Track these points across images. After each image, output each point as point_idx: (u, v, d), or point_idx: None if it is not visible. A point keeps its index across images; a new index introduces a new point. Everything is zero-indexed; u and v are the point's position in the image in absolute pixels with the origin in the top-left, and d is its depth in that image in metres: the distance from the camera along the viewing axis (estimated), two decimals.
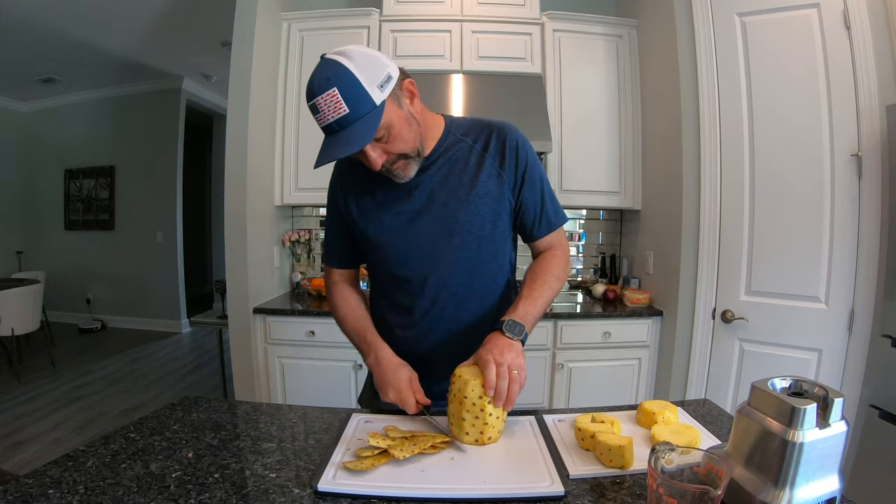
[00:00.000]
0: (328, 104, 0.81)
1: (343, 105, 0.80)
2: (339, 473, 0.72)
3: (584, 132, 2.47)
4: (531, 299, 0.96)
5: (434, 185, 1.00)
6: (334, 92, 0.80)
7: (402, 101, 0.90)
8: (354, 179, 1.05)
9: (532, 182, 1.03)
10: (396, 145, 0.90)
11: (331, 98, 0.80)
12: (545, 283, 0.99)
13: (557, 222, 1.08)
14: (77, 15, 3.44)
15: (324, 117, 0.82)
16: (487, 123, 1.05)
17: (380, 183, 1.00)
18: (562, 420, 0.93)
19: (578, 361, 2.25)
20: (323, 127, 0.84)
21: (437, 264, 1.01)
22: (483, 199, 1.00)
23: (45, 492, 0.67)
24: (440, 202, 1.00)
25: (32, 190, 5.62)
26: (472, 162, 1.01)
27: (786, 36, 1.82)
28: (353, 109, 0.81)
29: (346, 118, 0.81)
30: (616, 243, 2.85)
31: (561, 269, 1.04)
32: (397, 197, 1.01)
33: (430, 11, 2.43)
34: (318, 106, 0.81)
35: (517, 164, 1.01)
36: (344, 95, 0.80)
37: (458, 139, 1.02)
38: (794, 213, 1.84)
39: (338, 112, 0.80)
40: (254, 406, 1.02)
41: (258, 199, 2.33)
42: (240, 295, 2.23)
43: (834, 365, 1.79)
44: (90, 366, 4.09)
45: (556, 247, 1.08)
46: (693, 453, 0.60)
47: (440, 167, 1.00)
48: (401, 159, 0.92)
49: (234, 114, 2.21)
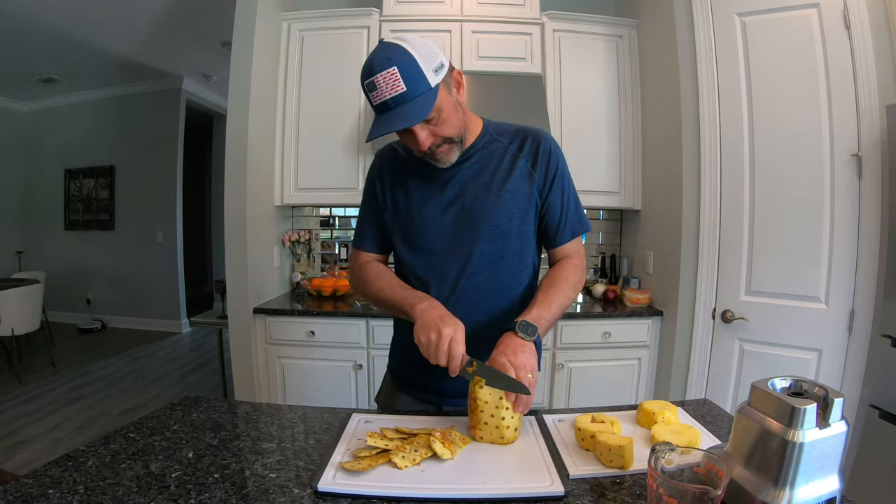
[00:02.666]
0: (387, 81, 0.85)
1: (401, 83, 0.84)
2: (338, 473, 0.72)
3: (584, 132, 2.47)
4: (546, 304, 0.97)
5: (466, 179, 1.04)
6: (394, 70, 0.84)
7: (452, 89, 0.95)
8: (393, 172, 1.10)
9: (561, 187, 1.06)
10: (444, 129, 0.94)
11: (390, 76, 0.84)
12: (560, 290, 1.01)
13: (581, 228, 1.10)
14: (77, 15, 3.44)
15: (381, 94, 0.85)
16: (524, 128, 1.09)
17: (416, 176, 1.06)
18: (562, 420, 0.93)
19: (578, 361, 2.25)
20: (378, 105, 0.87)
21: (461, 253, 1.03)
22: (513, 196, 1.03)
23: (45, 492, 0.67)
24: (471, 195, 1.03)
25: (32, 190, 5.62)
26: (505, 161, 1.05)
27: (786, 36, 1.82)
28: (410, 88, 0.85)
29: (404, 95, 0.85)
30: (616, 243, 2.85)
31: (577, 278, 1.06)
32: (431, 189, 1.05)
33: (430, 11, 2.43)
34: (376, 83, 0.85)
35: (549, 167, 1.05)
36: (403, 74, 0.84)
37: (495, 139, 1.07)
38: (794, 213, 1.84)
39: (395, 90, 0.85)
40: (254, 406, 1.02)
41: (258, 199, 2.33)
42: (240, 295, 2.23)
43: (834, 365, 1.79)
44: (90, 366, 4.09)
45: (574, 256, 1.10)
46: (693, 453, 0.60)
47: (475, 162, 1.05)
48: (445, 143, 0.96)
49: (234, 114, 2.21)
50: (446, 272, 1.04)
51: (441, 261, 1.04)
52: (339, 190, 2.46)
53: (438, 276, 1.05)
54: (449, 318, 0.89)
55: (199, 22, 3.56)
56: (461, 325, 0.88)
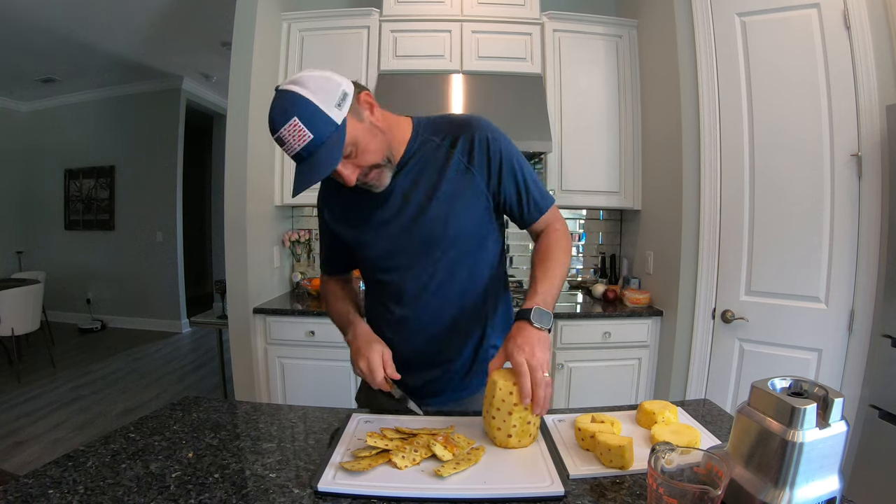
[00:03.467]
0: (292, 134, 0.82)
1: (306, 132, 0.82)
2: (338, 473, 0.72)
3: (584, 132, 2.47)
4: (547, 280, 0.95)
5: (406, 188, 1.01)
6: (295, 121, 0.81)
7: (363, 115, 0.91)
8: (335, 195, 1.09)
9: (510, 173, 1.02)
10: (366, 158, 0.91)
11: (293, 128, 0.82)
12: (556, 260, 0.99)
13: (545, 204, 1.07)
14: (77, 15, 3.44)
15: (291, 147, 0.83)
16: (457, 120, 1.05)
17: (358, 195, 1.02)
18: (562, 420, 0.93)
19: (578, 361, 2.25)
20: (292, 156, 0.85)
21: (413, 265, 1.03)
22: (452, 197, 1.00)
23: (45, 492, 0.67)
24: (414, 204, 1.01)
25: (32, 190, 5.62)
26: (439, 160, 1.01)
27: (786, 36, 1.82)
28: (316, 134, 0.82)
29: (312, 143, 0.82)
30: (616, 243, 2.85)
31: (566, 242, 1.05)
32: (373, 205, 1.03)
33: (429, 11, 2.43)
34: (282, 138, 0.83)
35: (489, 159, 1.01)
36: (305, 122, 0.81)
37: (426, 139, 1.03)
38: (794, 213, 1.84)
39: (303, 140, 0.82)
40: (254, 406, 1.03)
41: (258, 199, 2.33)
42: (240, 295, 2.23)
43: (834, 365, 1.79)
44: (90, 366, 4.09)
45: (553, 223, 1.08)
46: (693, 453, 0.60)
47: (410, 170, 1.02)
48: (373, 170, 0.94)
49: (234, 114, 2.21)
50: (406, 284, 1.04)
51: (396, 277, 1.05)
52: None
53: (401, 288, 1.05)
54: (364, 348, 0.98)
55: (199, 22, 3.57)
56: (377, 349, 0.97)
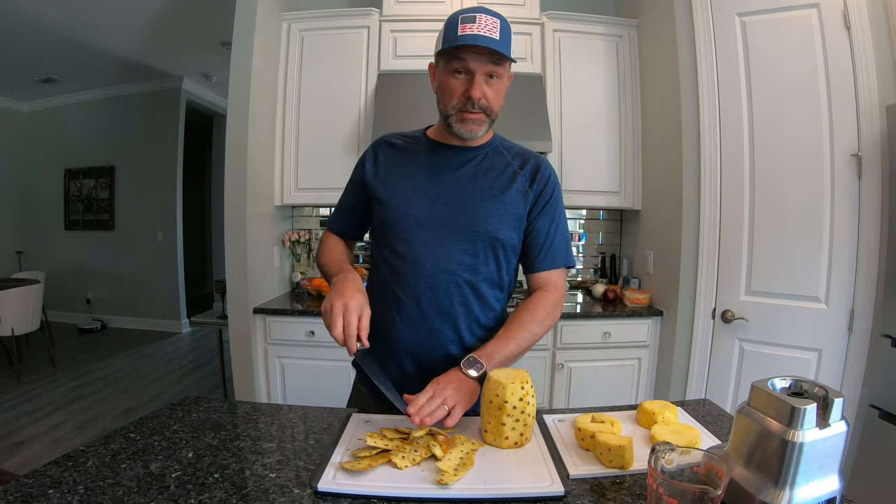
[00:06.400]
0: (488, 25, 0.91)
1: (498, 33, 0.91)
2: (338, 474, 0.72)
3: (584, 132, 2.47)
4: (504, 340, 0.96)
5: (463, 178, 1.04)
6: (498, 22, 0.92)
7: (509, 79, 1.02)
8: (387, 157, 1.11)
9: (550, 214, 1.07)
10: (495, 97, 0.98)
11: (493, 23, 0.91)
12: (522, 326, 0.99)
13: (561, 262, 1.07)
14: (77, 15, 3.44)
15: (478, 28, 0.90)
16: (528, 151, 1.12)
17: (411, 163, 1.07)
18: (562, 420, 0.93)
19: (578, 361, 2.25)
20: (466, 35, 0.91)
21: (442, 248, 1.01)
22: (507, 207, 1.03)
23: (45, 492, 0.67)
24: (465, 194, 1.03)
25: (32, 190, 5.62)
26: (506, 173, 1.06)
27: (786, 36, 1.82)
28: (500, 43, 0.91)
29: (494, 42, 0.91)
30: (616, 243, 2.85)
31: (546, 313, 1.02)
32: (428, 177, 1.05)
33: (430, 11, 2.42)
34: (477, 18, 0.91)
35: (543, 191, 1.06)
36: (502, 30, 0.92)
37: (500, 151, 1.09)
38: (794, 213, 1.84)
39: (491, 33, 0.91)
40: (254, 406, 1.02)
41: (258, 199, 2.33)
42: (240, 295, 2.23)
43: (834, 365, 1.79)
44: (90, 366, 4.09)
45: (551, 287, 1.06)
46: (693, 453, 0.60)
47: (475, 165, 1.06)
48: (483, 112, 0.98)
49: (234, 114, 2.21)
50: (422, 265, 1.00)
51: (420, 252, 1.01)
52: (339, 190, 2.37)
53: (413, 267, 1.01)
54: (350, 291, 0.89)
55: (199, 22, 3.56)
56: (361, 300, 0.88)
